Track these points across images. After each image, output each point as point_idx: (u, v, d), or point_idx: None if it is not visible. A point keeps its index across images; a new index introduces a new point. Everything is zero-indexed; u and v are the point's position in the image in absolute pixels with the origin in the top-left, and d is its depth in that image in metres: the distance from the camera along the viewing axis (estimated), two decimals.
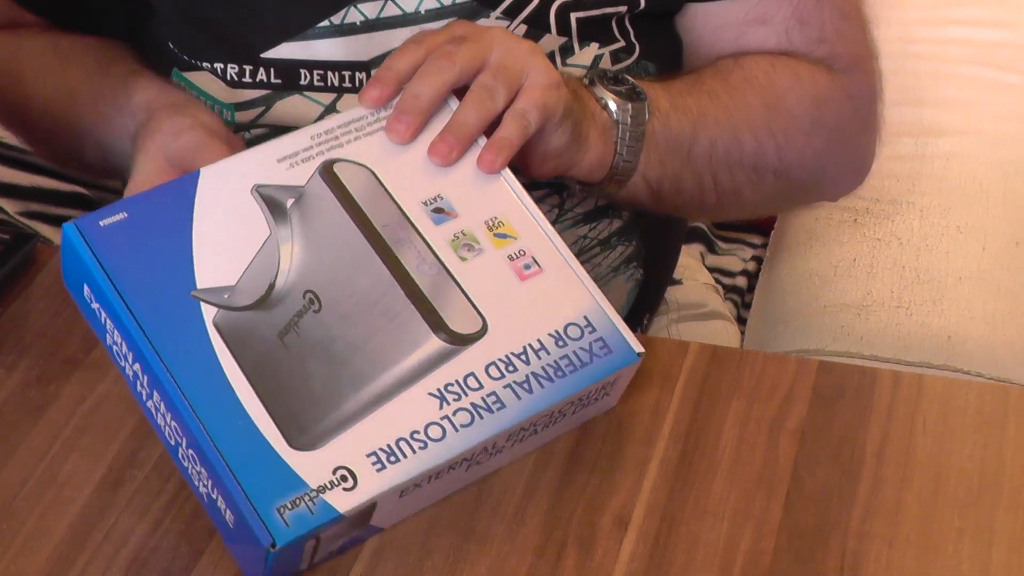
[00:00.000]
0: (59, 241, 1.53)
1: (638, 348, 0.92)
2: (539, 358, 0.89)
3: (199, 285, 0.88)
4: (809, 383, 0.99)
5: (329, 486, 0.83)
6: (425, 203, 0.93)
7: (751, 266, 1.57)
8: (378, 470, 0.84)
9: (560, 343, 0.90)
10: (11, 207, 1.54)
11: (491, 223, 0.93)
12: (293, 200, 0.91)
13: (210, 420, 0.84)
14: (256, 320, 0.88)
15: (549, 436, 0.94)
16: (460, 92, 0.96)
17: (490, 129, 0.95)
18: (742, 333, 1.45)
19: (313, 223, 0.91)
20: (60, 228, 1.57)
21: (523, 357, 0.89)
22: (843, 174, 1.23)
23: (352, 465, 0.84)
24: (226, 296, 0.88)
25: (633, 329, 1.32)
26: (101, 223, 0.89)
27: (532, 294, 0.91)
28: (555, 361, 0.90)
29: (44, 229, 1.53)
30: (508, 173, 0.95)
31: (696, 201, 1.14)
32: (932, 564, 0.88)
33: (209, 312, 0.87)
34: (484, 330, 0.89)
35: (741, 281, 1.55)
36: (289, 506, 0.82)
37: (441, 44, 0.96)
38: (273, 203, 0.91)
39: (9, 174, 1.57)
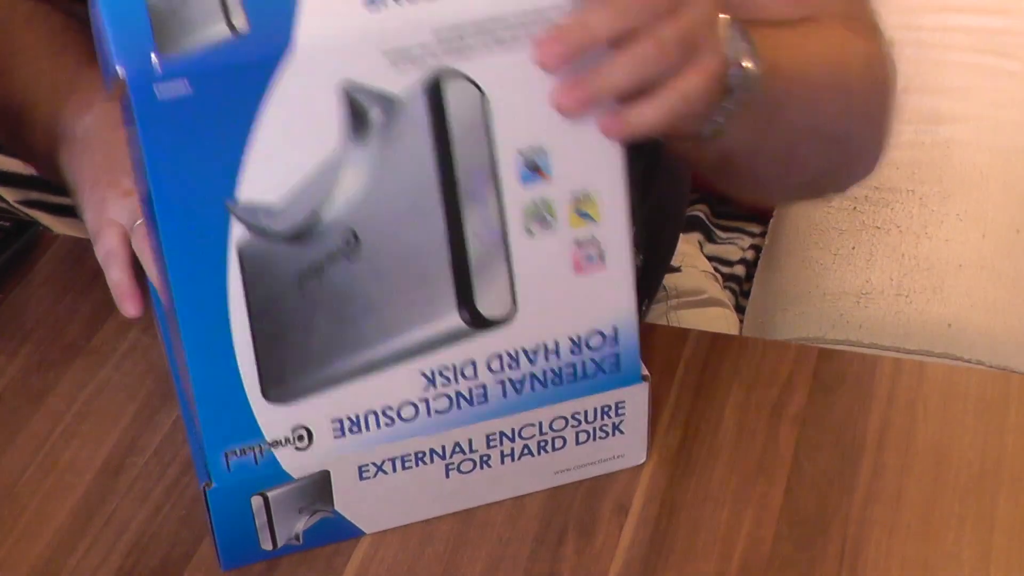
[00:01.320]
0: (58, 229, 1.52)
1: (643, 371, 0.89)
2: (547, 360, 0.86)
3: (241, 195, 0.79)
4: (809, 370, 0.99)
5: (284, 442, 0.83)
6: (522, 152, 0.81)
7: (749, 255, 1.57)
8: (336, 436, 0.83)
9: (575, 351, 0.87)
10: (10, 195, 1.54)
11: (580, 197, 0.84)
12: (380, 111, 0.79)
13: (195, 360, 0.81)
14: (283, 254, 0.80)
15: (552, 470, 0.90)
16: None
17: None
18: (740, 322, 1.45)
19: (391, 148, 0.80)
20: (59, 216, 1.57)
21: (531, 356, 0.86)
22: (873, 149, 1.17)
23: (312, 425, 0.83)
24: (262, 217, 0.79)
25: None
26: (159, 96, 0.74)
27: (580, 290, 0.86)
28: (559, 367, 0.87)
29: (43, 217, 1.53)
30: (623, 152, 0.84)
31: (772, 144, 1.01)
32: (933, 551, 0.88)
33: (237, 231, 0.79)
34: (510, 318, 0.85)
35: (739, 270, 1.55)
36: (238, 452, 0.82)
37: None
38: (357, 110, 0.79)
39: (8, 162, 1.57)
